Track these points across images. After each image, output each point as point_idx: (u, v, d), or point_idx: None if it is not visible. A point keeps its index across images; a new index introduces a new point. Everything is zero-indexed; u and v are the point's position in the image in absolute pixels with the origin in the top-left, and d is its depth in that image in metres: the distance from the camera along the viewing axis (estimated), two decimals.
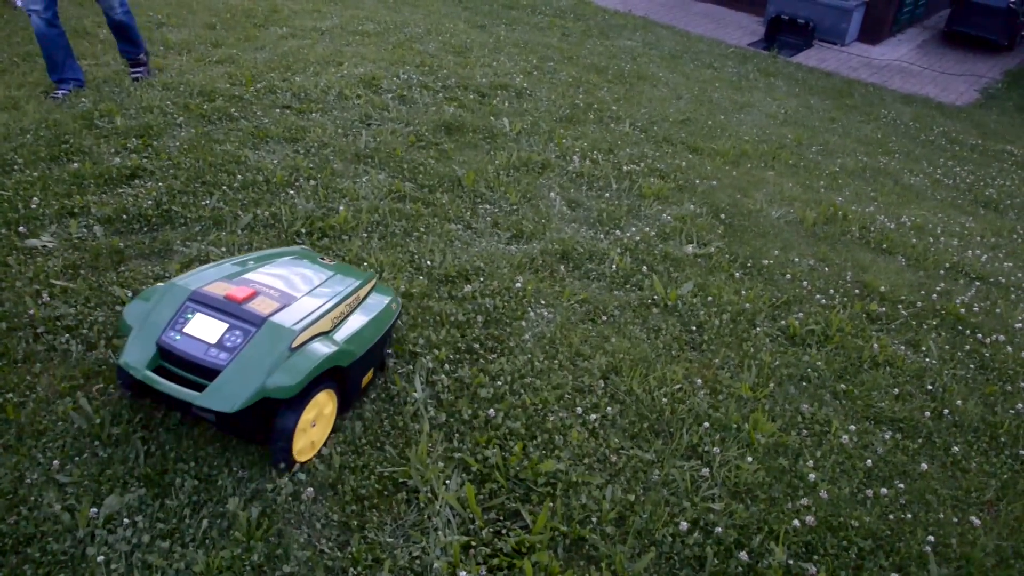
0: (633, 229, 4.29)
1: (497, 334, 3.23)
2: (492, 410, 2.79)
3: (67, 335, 2.92)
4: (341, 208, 3.96)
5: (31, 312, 2.99)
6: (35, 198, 3.70)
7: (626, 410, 2.94)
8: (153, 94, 5.03)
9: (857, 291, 4.10)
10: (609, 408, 2.92)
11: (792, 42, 10.77)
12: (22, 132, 4.32)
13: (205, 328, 2.42)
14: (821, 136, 6.81)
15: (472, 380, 2.93)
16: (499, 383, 2.94)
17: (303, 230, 3.75)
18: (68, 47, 4.95)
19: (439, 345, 3.10)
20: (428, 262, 3.65)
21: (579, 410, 2.88)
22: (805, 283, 4.07)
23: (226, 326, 2.41)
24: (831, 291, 4.05)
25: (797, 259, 4.32)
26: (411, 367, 2.97)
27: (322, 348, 2.45)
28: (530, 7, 9.95)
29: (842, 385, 3.31)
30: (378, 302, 2.83)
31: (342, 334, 2.59)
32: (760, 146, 6.10)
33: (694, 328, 3.52)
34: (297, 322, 2.44)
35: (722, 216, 4.66)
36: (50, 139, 4.28)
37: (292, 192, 4.09)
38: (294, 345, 2.40)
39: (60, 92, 4.89)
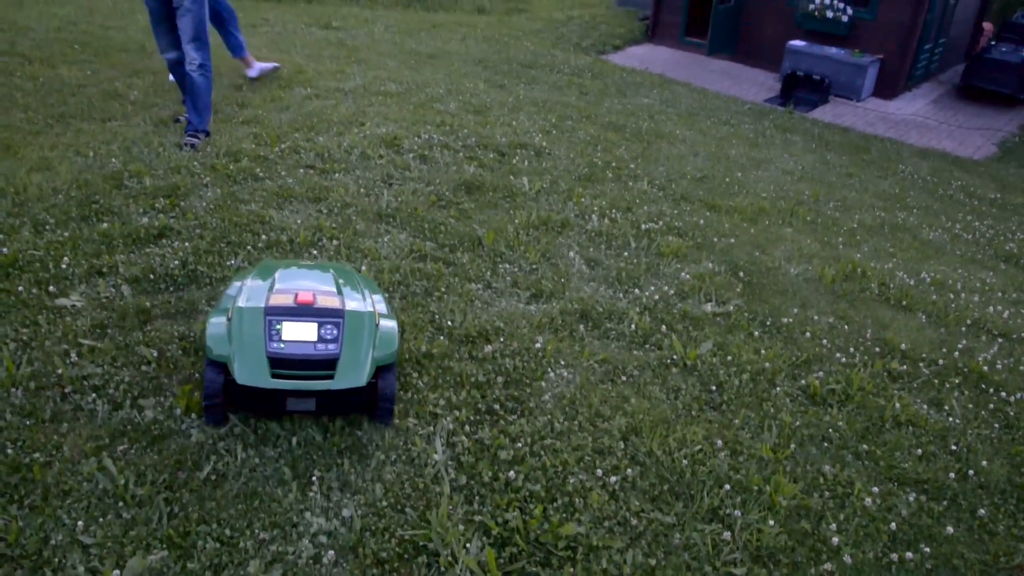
0: (652, 288, 4.32)
1: (517, 395, 3.25)
2: (512, 472, 2.79)
3: (94, 395, 2.97)
4: (363, 268, 4.02)
5: (59, 371, 3.05)
6: (65, 258, 3.79)
7: (646, 472, 2.93)
8: (181, 155, 5.16)
9: (877, 349, 4.09)
10: (629, 470, 2.92)
11: (808, 98, 10.90)
12: (54, 192, 4.44)
13: (300, 331, 2.79)
14: (839, 192, 6.85)
15: (492, 442, 2.94)
16: (519, 445, 2.95)
17: None
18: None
19: (459, 406, 3.12)
20: (449, 322, 3.69)
21: (599, 472, 2.88)
22: (825, 341, 4.07)
23: (316, 324, 2.80)
24: (851, 349, 4.04)
25: (816, 317, 4.32)
26: (432, 428, 2.99)
27: (393, 322, 3.00)
28: (548, 66, 10.16)
29: (864, 445, 3.28)
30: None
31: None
32: (778, 203, 6.14)
33: (714, 388, 3.52)
34: (366, 308, 2.95)
35: (740, 274, 4.68)
36: (81, 199, 4.39)
37: (315, 252, 4.17)
38: (376, 324, 2.91)
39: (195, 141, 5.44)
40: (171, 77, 5.97)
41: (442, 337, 3.58)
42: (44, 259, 3.76)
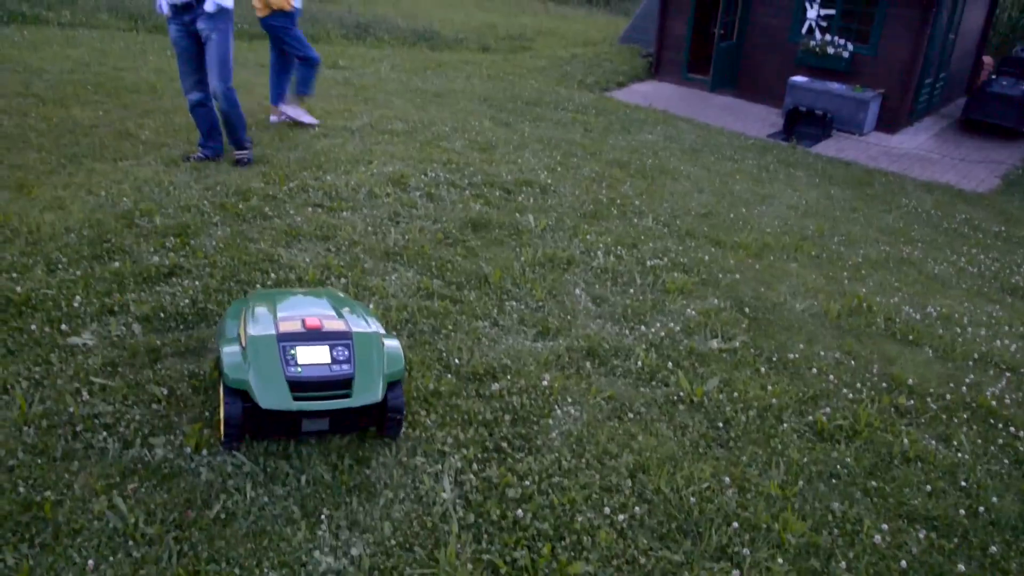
0: (658, 324, 4.35)
1: (524, 433, 3.26)
2: (520, 510, 2.80)
3: (104, 433, 2.99)
4: (371, 306, 4.06)
5: (71, 410, 3.07)
6: (77, 296, 3.84)
7: (654, 510, 2.93)
8: (191, 193, 5.23)
9: (884, 384, 4.09)
10: (637, 508, 2.92)
11: (811, 133, 10.99)
12: (67, 231, 4.50)
13: (314, 355, 2.93)
14: (843, 226, 6.88)
15: (500, 480, 2.95)
16: (527, 483, 2.96)
17: None
18: (216, 122, 5.99)
19: (467, 444, 3.14)
20: (456, 360, 3.72)
21: (607, 510, 2.88)
22: (831, 377, 4.08)
23: (328, 347, 2.96)
24: (858, 385, 4.05)
25: (823, 352, 4.33)
26: (440, 466, 3.00)
27: (395, 341, 3.17)
28: (553, 103, 10.28)
29: (873, 482, 3.28)
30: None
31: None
32: (782, 238, 6.18)
33: (721, 425, 3.53)
34: (371, 329, 3.13)
35: (746, 310, 4.70)
36: (93, 238, 4.45)
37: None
38: (382, 343, 3.07)
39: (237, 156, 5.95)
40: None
41: (449, 375, 3.60)
42: (56, 298, 3.80)
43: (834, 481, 3.26)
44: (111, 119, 6.72)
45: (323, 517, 2.71)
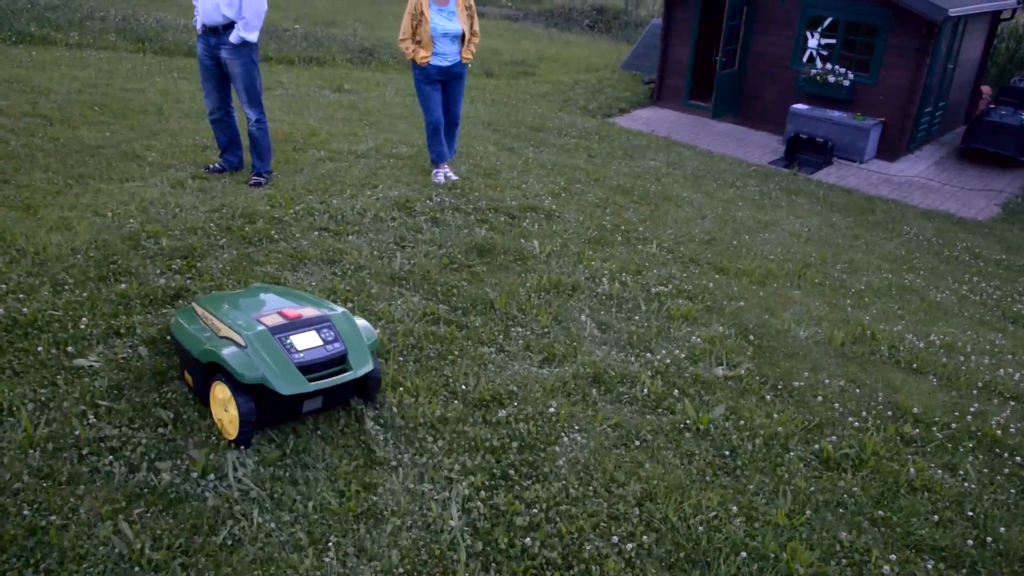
0: (663, 351, 4.35)
1: (532, 460, 3.26)
2: (529, 539, 2.79)
3: (111, 457, 2.98)
4: (377, 331, 4.06)
5: (77, 433, 3.07)
6: (84, 318, 3.84)
7: (662, 539, 2.92)
8: (197, 216, 5.24)
9: (890, 413, 4.09)
10: (645, 536, 2.91)
11: (812, 160, 11.06)
12: (73, 252, 4.50)
13: (307, 341, 3.21)
14: (845, 254, 6.91)
15: (508, 507, 2.94)
16: (535, 510, 2.95)
17: None
18: (236, 136, 6.25)
19: (475, 471, 3.13)
20: (463, 386, 3.72)
21: (615, 539, 2.87)
22: (837, 405, 4.07)
23: (314, 331, 3.25)
24: (863, 413, 4.05)
25: (828, 380, 4.34)
26: (447, 493, 2.99)
27: (362, 319, 3.54)
28: (556, 129, 10.34)
29: (880, 512, 3.27)
30: None
31: None
32: (785, 265, 6.20)
33: (727, 453, 3.52)
34: (338, 310, 3.46)
35: (751, 337, 4.70)
36: (99, 260, 4.46)
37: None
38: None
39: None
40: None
41: (456, 401, 3.60)
42: (63, 319, 3.81)
43: (841, 511, 3.25)
44: (118, 140, 6.75)
45: (330, 544, 2.69)
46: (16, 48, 10.71)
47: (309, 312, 3.36)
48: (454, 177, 6.80)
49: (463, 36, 6.38)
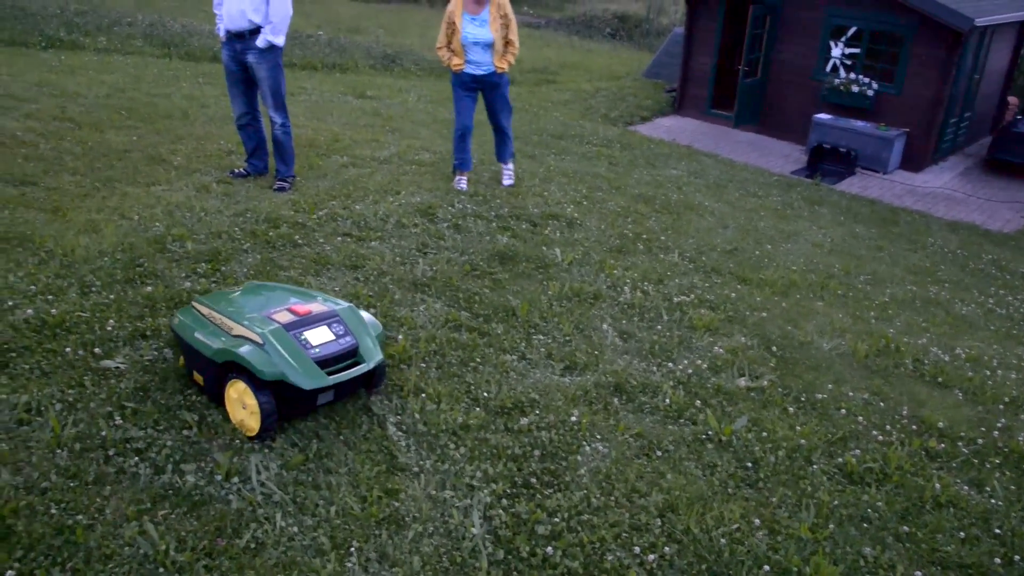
0: (685, 361, 4.33)
1: (553, 468, 3.26)
2: (550, 548, 2.79)
3: (136, 458, 3.01)
4: (400, 337, 4.08)
5: (103, 434, 3.10)
6: (111, 320, 3.88)
7: (684, 551, 2.91)
8: (222, 220, 5.29)
9: (914, 427, 4.05)
10: (667, 548, 2.90)
11: (834, 170, 10.99)
12: (100, 255, 4.55)
13: (321, 336, 3.28)
14: (869, 265, 6.86)
15: (530, 516, 2.94)
16: (556, 519, 2.94)
17: None
18: (262, 141, 6.31)
19: (496, 479, 3.13)
20: (484, 393, 3.72)
21: (637, 549, 2.86)
22: (860, 419, 4.04)
23: (325, 326, 3.31)
24: (887, 427, 4.01)
25: (851, 393, 4.30)
26: (469, 501, 3.00)
27: (364, 311, 3.62)
28: (578, 137, 10.35)
29: (905, 527, 3.24)
30: None
31: None
32: (808, 276, 6.16)
33: (750, 465, 3.50)
34: (343, 304, 3.52)
35: (773, 348, 4.68)
36: (126, 262, 4.51)
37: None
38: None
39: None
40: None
41: (478, 408, 3.60)
42: (90, 321, 3.85)
43: (865, 525, 3.23)
44: (144, 144, 6.82)
45: (352, 549, 2.70)
46: (46, 53, 10.86)
47: (318, 307, 3.41)
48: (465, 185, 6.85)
49: (496, 45, 6.35)
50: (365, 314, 3.57)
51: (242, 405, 3.21)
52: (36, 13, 12.77)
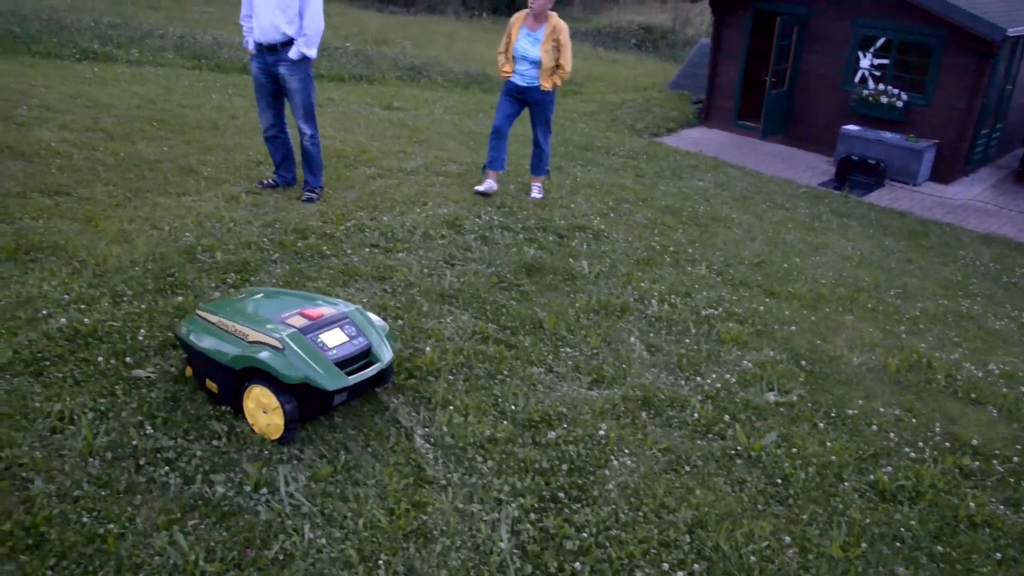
0: (713, 375, 4.30)
1: (581, 483, 3.24)
2: (579, 563, 2.77)
3: (167, 467, 3.03)
4: (428, 349, 4.08)
5: (134, 443, 3.13)
6: (142, 329, 3.92)
7: (713, 568, 2.88)
8: (250, 230, 5.33)
9: (947, 444, 3.99)
10: (696, 565, 2.87)
11: (863, 181, 10.89)
12: (132, 264, 4.61)
13: (335, 338, 3.35)
14: (899, 278, 6.78)
15: (557, 531, 2.92)
16: (585, 535, 2.93)
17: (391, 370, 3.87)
18: (289, 153, 6.39)
19: (524, 493, 3.12)
20: (512, 406, 3.71)
21: (665, 566, 2.83)
22: (892, 435, 3.98)
23: (338, 328, 3.39)
24: (920, 444, 3.95)
25: (882, 409, 4.24)
26: (497, 515, 2.99)
27: (370, 312, 3.69)
28: (604, 148, 10.34)
29: (939, 547, 3.18)
30: None
31: None
32: (837, 289, 6.10)
33: (779, 481, 3.46)
34: (351, 306, 3.60)
35: (802, 363, 4.63)
36: (157, 272, 4.55)
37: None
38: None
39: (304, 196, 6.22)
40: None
41: (505, 421, 3.60)
42: (122, 330, 3.89)
43: (898, 544, 3.17)
44: (175, 155, 6.91)
45: (380, 562, 2.70)
46: (80, 65, 11.04)
47: (328, 310, 3.48)
48: (491, 188, 6.98)
49: (544, 64, 6.47)
50: (371, 315, 3.65)
51: (263, 410, 3.24)
52: (71, 26, 12.99)
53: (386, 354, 3.46)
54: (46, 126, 7.11)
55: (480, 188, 6.91)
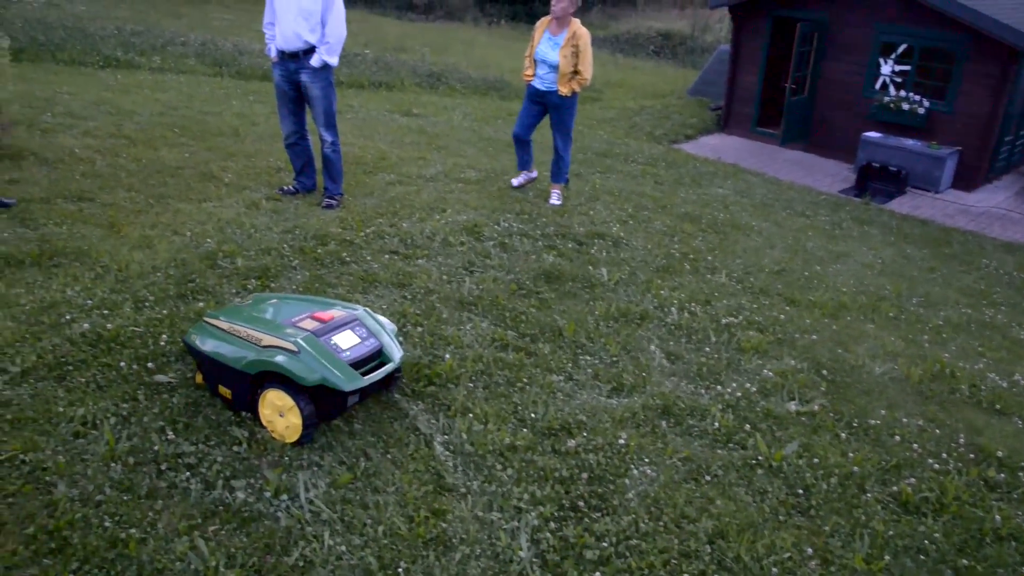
0: (734, 384, 4.27)
1: (601, 492, 3.22)
2: (598, 573, 2.75)
3: (188, 473, 3.05)
4: (447, 356, 4.09)
5: (156, 448, 3.15)
6: (164, 335, 3.95)
7: None
8: (271, 236, 5.36)
9: (972, 456, 3.94)
10: None
11: (884, 189, 10.80)
12: (154, 270, 4.64)
13: (348, 340, 3.40)
14: (921, 287, 6.71)
15: (577, 540, 2.91)
16: (605, 544, 2.91)
17: (411, 377, 3.88)
18: (310, 159, 6.44)
19: (543, 501, 3.11)
20: (532, 414, 3.71)
21: None
22: (915, 446, 3.94)
23: (349, 330, 3.43)
24: (943, 455, 3.90)
25: (905, 419, 4.20)
26: (516, 523, 2.98)
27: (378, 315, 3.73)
28: (623, 155, 10.32)
29: (964, 560, 3.14)
30: None
31: None
32: (858, 298, 6.05)
33: (801, 492, 3.43)
34: (360, 308, 3.66)
35: (824, 372, 4.59)
36: (178, 278, 4.59)
37: (401, 339, 4.24)
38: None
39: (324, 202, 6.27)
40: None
41: (525, 429, 3.59)
42: (144, 336, 3.92)
43: (922, 557, 3.14)
44: (196, 161, 6.96)
45: (400, 570, 2.70)
46: (103, 72, 11.16)
47: (338, 313, 3.52)
48: (533, 174, 7.44)
49: (561, 69, 6.57)
50: (380, 316, 3.71)
51: (279, 413, 3.27)
52: (95, 34, 13.14)
53: (396, 354, 3.52)
54: (70, 132, 7.19)
55: (514, 181, 7.38)
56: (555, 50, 6.53)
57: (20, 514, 2.74)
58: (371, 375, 3.33)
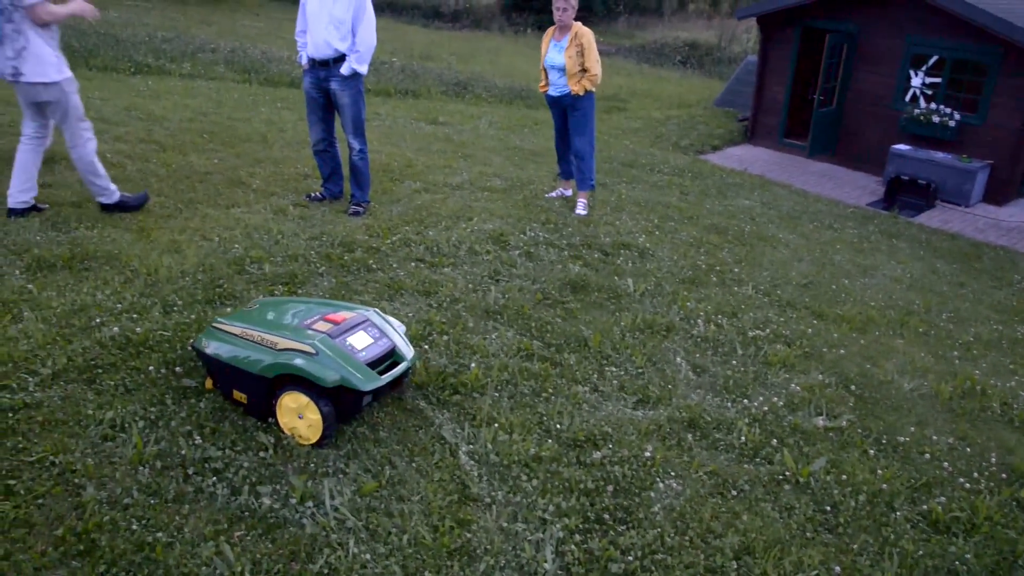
0: (760, 398, 4.23)
1: (626, 504, 3.20)
2: None
3: (214, 478, 3.06)
4: (473, 365, 4.08)
5: (183, 452, 3.16)
6: (192, 339, 3.97)
7: None
8: (298, 243, 5.40)
9: (1004, 475, 3.87)
10: None
11: (913, 202, 10.68)
12: (182, 275, 4.69)
13: (362, 340, 3.43)
14: (951, 302, 6.62)
15: (603, 553, 2.89)
16: (630, 558, 2.89)
17: (436, 386, 3.88)
18: (338, 167, 6.47)
19: (568, 513, 3.09)
20: (557, 425, 3.69)
21: None
22: (946, 464, 3.88)
23: (362, 331, 3.47)
24: (975, 474, 3.84)
25: (935, 437, 4.13)
26: (541, 535, 2.96)
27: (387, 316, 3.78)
28: (648, 166, 10.29)
29: None
30: None
31: None
32: (887, 312, 5.97)
33: (828, 508, 3.38)
34: (370, 309, 3.69)
35: (852, 387, 4.54)
36: (206, 283, 4.63)
37: (426, 347, 4.25)
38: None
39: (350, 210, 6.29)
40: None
41: (550, 440, 3.57)
42: (172, 340, 3.95)
43: None
44: (225, 167, 7.03)
45: None
46: (134, 78, 11.32)
47: (349, 314, 3.56)
48: (567, 193, 7.54)
49: (568, 68, 6.68)
50: (390, 316, 3.77)
51: (298, 416, 3.29)
52: (126, 40, 13.35)
53: (409, 353, 3.58)
54: (101, 138, 7.25)
55: (550, 194, 7.49)
56: (561, 53, 6.68)
57: (50, 515, 2.77)
58: (387, 374, 3.38)
